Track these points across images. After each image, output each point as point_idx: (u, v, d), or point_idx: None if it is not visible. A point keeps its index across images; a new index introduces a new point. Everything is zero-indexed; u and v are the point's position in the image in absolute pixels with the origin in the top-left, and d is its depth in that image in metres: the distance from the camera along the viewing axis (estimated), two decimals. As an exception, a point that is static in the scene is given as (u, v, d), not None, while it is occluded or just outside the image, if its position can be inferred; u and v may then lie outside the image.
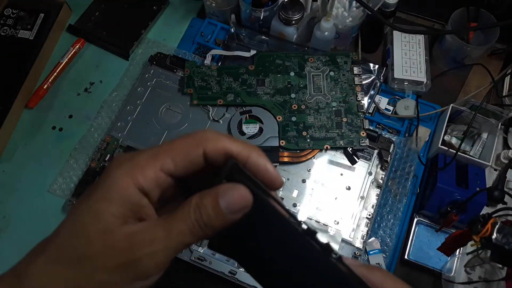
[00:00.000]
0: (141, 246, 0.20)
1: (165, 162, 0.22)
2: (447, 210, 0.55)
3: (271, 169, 0.23)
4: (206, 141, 0.22)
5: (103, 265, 0.20)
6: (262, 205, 0.21)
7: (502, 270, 0.55)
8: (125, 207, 0.21)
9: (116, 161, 0.22)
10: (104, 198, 0.21)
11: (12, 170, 0.63)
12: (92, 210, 0.21)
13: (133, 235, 0.21)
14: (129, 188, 0.21)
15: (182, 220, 0.21)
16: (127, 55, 0.71)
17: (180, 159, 0.22)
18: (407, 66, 0.67)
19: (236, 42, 0.70)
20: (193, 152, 0.22)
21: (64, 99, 0.68)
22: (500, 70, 0.70)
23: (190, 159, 0.22)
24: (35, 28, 0.70)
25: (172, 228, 0.21)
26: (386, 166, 0.61)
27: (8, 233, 0.60)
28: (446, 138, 0.62)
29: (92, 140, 0.64)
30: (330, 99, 0.64)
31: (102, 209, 0.21)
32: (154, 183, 0.21)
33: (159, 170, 0.21)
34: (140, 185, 0.21)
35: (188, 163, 0.22)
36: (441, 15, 0.74)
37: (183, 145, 0.22)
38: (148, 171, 0.21)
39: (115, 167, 0.22)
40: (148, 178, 0.21)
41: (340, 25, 0.66)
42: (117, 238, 0.20)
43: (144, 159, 0.22)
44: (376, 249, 0.57)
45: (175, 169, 0.22)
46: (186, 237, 0.21)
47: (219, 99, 0.63)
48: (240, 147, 0.22)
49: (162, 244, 0.21)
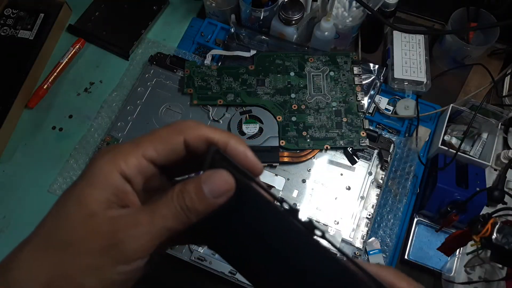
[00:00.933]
0: (124, 229, 0.21)
1: (147, 150, 0.22)
2: (447, 210, 0.55)
3: (250, 155, 0.24)
4: (187, 129, 0.23)
5: (86, 248, 0.21)
6: (244, 189, 0.22)
7: (502, 270, 0.55)
8: (109, 192, 0.21)
9: (100, 152, 0.23)
10: (88, 185, 0.21)
11: (12, 170, 0.63)
12: (76, 197, 0.21)
13: (117, 218, 0.21)
14: (112, 174, 0.21)
15: (165, 205, 0.22)
16: (127, 55, 0.71)
17: (161, 147, 0.23)
18: (407, 66, 0.67)
19: (236, 42, 0.70)
20: (174, 140, 0.23)
21: (64, 99, 0.68)
22: (500, 70, 0.70)
23: (171, 146, 0.23)
24: (35, 28, 0.70)
25: (155, 213, 0.21)
26: (386, 166, 0.61)
27: (8, 233, 0.60)
28: (446, 138, 0.62)
29: (92, 140, 0.64)
30: (330, 99, 0.64)
31: (86, 194, 0.21)
32: (136, 169, 0.22)
33: (141, 157, 0.22)
34: (122, 171, 0.22)
35: (169, 150, 0.23)
36: (441, 15, 0.74)
37: (164, 133, 0.23)
38: (130, 158, 0.22)
39: (99, 157, 0.22)
40: (131, 165, 0.22)
41: (340, 25, 0.66)
42: (100, 222, 0.21)
43: (127, 147, 0.23)
44: (376, 249, 0.57)
45: (157, 156, 0.23)
46: (169, 221, 0.21)
47: (219, 99, 0.63)
48: (219, 134, 0.23)
49: (145, 228, 0.21)
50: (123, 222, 0.21)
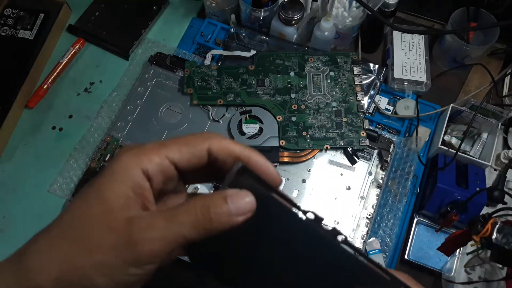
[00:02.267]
0: (138, 231, 0.21)
1: (171, 151, 0.23)
2: (447, 210, 0.55)
3: (271, 168, 0.25)
4: (211, 139, 0.24)
5: (100, 245, 0.20)
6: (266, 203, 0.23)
7: (502, 270, 0.55)
8: (128, 187, 0.21)
9: (124, 148, 0.23)
10: (109, 178, 0.22)
11: (12, 170, 0.63)
12: (96, 190, 0.22)
13: (133, 219, 0.21)
14: (133, 169, 0.22)
15: (186, 213, 0.22)
16: (127, 55, 0.71)
17: (185, 150, 0.23)
18: (407, 66, 0.67)
19: (236, 42, 0.70)
20: (198, 145, 0.23)
21: (64, 99, 0.68)
22: (500, 70, 0.70)
23: (195, 151, 0.23)
24: (35, 28, 0.70)
25: (173, 218, 0.21)
26: (386, 166, 0.61)
27: (8, 233, 0.60)
28: (446, 138, 0.62)
29: (92, 140, 0.64)
30: (330, 99, 0.64)
31: (106, 188, 0.21)
32: (158, 168, 0.22)
33: (165, 157, 0.23)
34: (145, 167, 0.22)
35: (192, 155, 0.23)
36: (441, 15, 0.74)
37: (190, 138, 0.24)
38: (154, 156, 0.22)
39: (122, 152, 0.23)
40: (153, 163, 0.22)
41: (340, 25, 0.66)
42: (117, 219, 0.21)
43: (151, 146, 0.23)
44: (376, 249, 0.57)
45: (180, 159, 0.23)
46: (186, 229, 0.21)
47: (219, 99, 0.63)
48: (241, 148, 0.24)
49: (160, 232, 0.21)
50: (139, 223, 0.21)
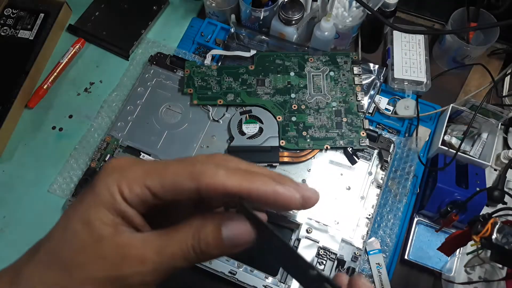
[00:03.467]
0: (130, 264, 0.20)
1: (154, 183, 0.21)
2: (447, 210, 0.55)
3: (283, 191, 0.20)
4: (202, 176, 0.20)
5: (91, 275, 0.20)
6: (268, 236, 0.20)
7: (502, 270, 0.55)
8: (115, 214, 0.21)
9: (108, 168, 0.21)
10: (94, 205, 0.21)
11: (12, 170, 0.63)
12: (83, 217, 0.21)
13: (124, 247, 0.20)
14: (116, 197, 0.21)
15: (177, 243, 0.21)
16: (127, 55, 0.71)
17: (169, 187, 0.21)
18: (407, 66, 0.67)
19: (236, 42, 0.70)
20: (185, 185, 0.20)
21: (64, 99, 0.68)
22: (500, 70, 0.70)
23: (180, 190, 0.21)
24: (35, 28, 0.70)
25: (165, 250, 0.20)
26: (386, 166, 0.61)
27: (8, 233, 0.60)
28: (446, 138, 0.62)
29: (92, 140, 0.64)
30: (330, 99, 0.64)
31: (92, 216, 0.20)
32: (138, 199, 0.21)
33: (145, 188, 0.21)
34: (125, 197, 0.21)
35: (177, 193, 0.21)
36: (441, 15, 0.74)
37: (177, 173, 0.21)
38: (135, 186, 0.21)
39: (106, 175, 0.21)
40: (133, 194, 0.21)
41: (340, 25, 0.66)
42: (107, 248, 0.20)
43: (134, 173, 0.21)
44: (376, 249, 0.57)
45: (163, 194, 0.21)
46: (177, 262, 0.21)
47: (219, 99, 0.63)
48: (239, 180, 0.20)
49: (152, 266, 0.20)
50: (129, 254, 0.20)
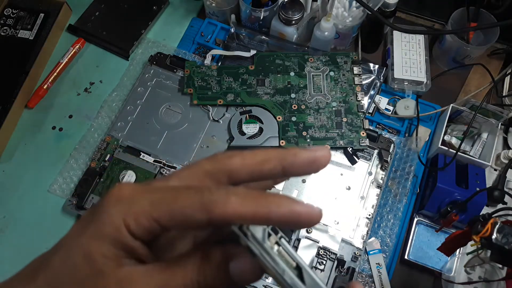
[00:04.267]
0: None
1: (162, 217, 0.19)
2: (447, 210, 0.55)
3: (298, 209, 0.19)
4: (214, 205, 0.19)
5: None
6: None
7: (502, 270, 0.55)
8: (117, 248, 0.20)
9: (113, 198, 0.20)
10: (96, 237, 0.20)
11: (12, 170, 0.63)
12: (84, 250, 0.20)
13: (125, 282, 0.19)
14: (122, 230, 0.19)
15: (181, 278, 0.20)
16: (127, 55, 0.71)
17: (179, 220, 0.19)
18: (407, 66, 0.67)
19: (236, 42, 0.70)
20: (196, 217, 0.19)
21: (64, 99, 0.68)
22: (500, 70, 0.70)
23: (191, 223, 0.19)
24: (35, 28, 0.70)
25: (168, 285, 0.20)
26: (386, 166, 0.61)
27: (8, 233, 0.60)
28: (446, 138, 0.62)
29: (92, 140, 0.64)
30: (330, 99, 0.64)
31: (94, 249, 0.19)
32: (146, 232, 0.20)
33: (153, 221, 0.19)
34: (131, 231, 0.19)
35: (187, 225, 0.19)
36: (441, 15, 0.74)
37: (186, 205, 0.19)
38: (142, 219, 0.19)
39: (111, 205, 0.20)
40: (140, 227, 0.19)
41: (340, 25, 0.66)
42: (108, 283, 0.19)
43: (141, 205, 0.20)
44: (376, 249, 0.57)
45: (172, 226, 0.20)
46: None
47: (219, 99, 0.63)
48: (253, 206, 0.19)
49: None
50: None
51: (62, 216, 0.61)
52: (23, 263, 0.21)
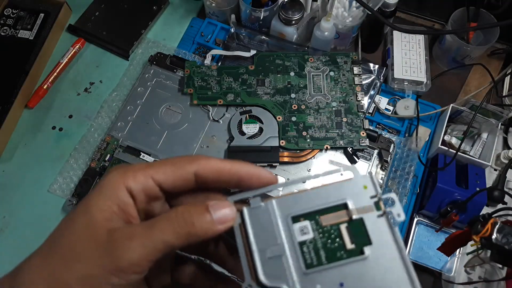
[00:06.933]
0: (118, 240, 0.21)
1: (157, 172, 0.23)
2: (447, 210, 0.55)
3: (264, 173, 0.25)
4: (198, 160, 0.24)
5: (83, 256, 0.21)
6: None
7: (502, 270, 0.55)
8: (113, 202, 0.22)
9: (114, 167, 0.25)
10: (97, 194, 0.23)
11: (12, 170, 0.63)
12: (83, 205, 0.22)
13: (114, 230, 0.22)
14: (119, 186, 0.22)
15: (166, 219, 0.22)
16: (127, 55, 0.71)
17: (170, 172, 0.23)
18: (407, 66, 0.67)
19: (236, 42, 0.70)
20: (184, 167, 0.24)
21: (64, 99, 0.68)
22: (500, 70, 0.70)
23: (181, 173, 0.24)
24: (35, 28, 0.70)
25: (154, 225, 0.22)
26: (386, 166, 0.61)
27: (8, 233, 0.60)
28: (446, 138, 0.62)
29: (92, 140, 0.64)
30: (330, 99, 0.64)
31: (92, 203, 0.22)
32: (141, 186, 0.23)
33: (149, 177, 0.23)
34: (129, 185, 0.23)
35: (178, 177, 0.24)
36: (441, 15, 0.74)
37: (177, 160, 0.24)
38: (139, 175, 0.23)
39: (112, 170, 0.24)
40: (138, 182, 0.23)
41: (340, 25, 0.66)
42: (99, 230, 0.21)
43: (138, 166, 0.24)
44: (376, 249, 0.57)
45: (165, 180, 0.23)
46: (166, 235, 0.21)
47: (219, 99, 0.63)
48: (230, 164, 0.24)
49: (140, 240, 0.21)
50: (120, 233, 0.21)
51: (62, 216, 0.61)
52: (23, 263, 0.22)
